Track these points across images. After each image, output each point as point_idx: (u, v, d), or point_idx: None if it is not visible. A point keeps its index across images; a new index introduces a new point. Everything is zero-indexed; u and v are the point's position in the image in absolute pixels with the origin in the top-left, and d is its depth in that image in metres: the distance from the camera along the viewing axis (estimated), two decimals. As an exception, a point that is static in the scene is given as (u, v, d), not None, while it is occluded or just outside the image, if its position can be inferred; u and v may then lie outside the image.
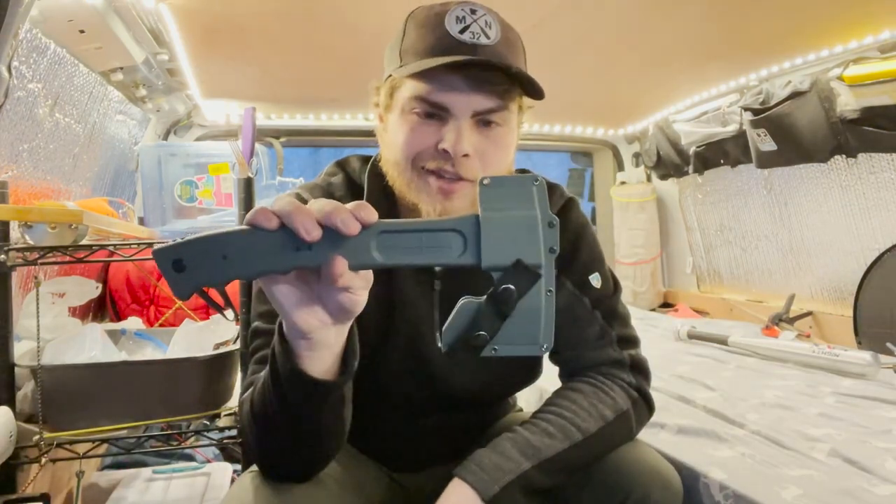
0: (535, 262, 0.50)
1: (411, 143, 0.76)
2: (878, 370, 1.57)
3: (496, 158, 0.78)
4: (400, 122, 0.78)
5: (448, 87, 0.74)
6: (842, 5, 1.50)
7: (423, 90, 0.75)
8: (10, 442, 1.12)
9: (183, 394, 1.26)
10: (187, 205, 2.06)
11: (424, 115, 0.76)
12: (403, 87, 0.77)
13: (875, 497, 0.89)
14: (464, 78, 0.73)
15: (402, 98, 0.78)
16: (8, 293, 1.21)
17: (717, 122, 2.39)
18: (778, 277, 2.47)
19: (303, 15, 1.54)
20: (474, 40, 0.74)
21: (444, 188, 0.76)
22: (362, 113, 2.67)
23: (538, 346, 0.52)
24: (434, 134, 0.75)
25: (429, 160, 0.76)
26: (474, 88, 0.74)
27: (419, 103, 0.75)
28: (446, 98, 0.74)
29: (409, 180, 0.78)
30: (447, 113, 0.75)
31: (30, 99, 1.35)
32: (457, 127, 0.74)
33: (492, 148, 0.77)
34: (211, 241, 0.49)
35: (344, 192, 0.87)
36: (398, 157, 0.78)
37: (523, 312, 0.51)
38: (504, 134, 0.78)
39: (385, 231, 0.50)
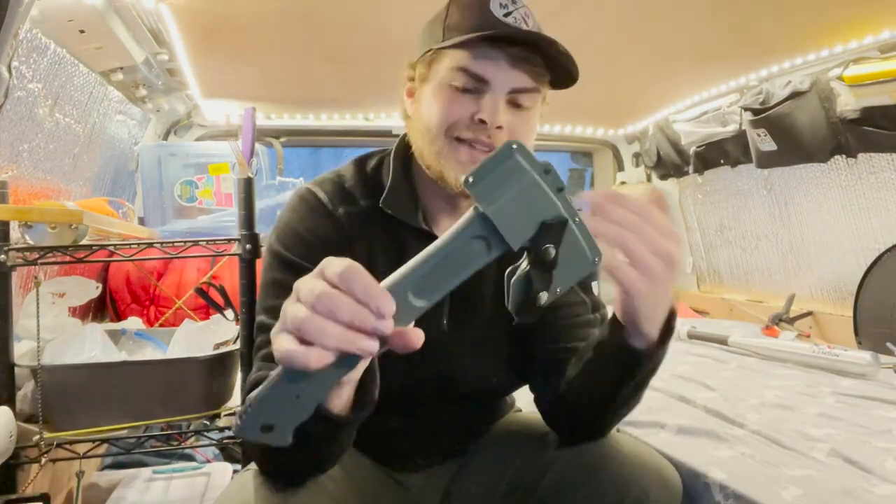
0: (554, 215, 0.51)
1: (448, 112, 0.79)
2: (878, 370, 1.57)
3: (524, 137, 0.80)
4: (436, 93, 0.80)
5: (490, 60, 0.77)
6: (842, 5, 1.50)
7: (465, 60, 0.77)
8: (10, 442, 1.12)
9: (183, 394, 1.26)
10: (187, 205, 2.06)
11: (462, 89, 0.78)
12: (445, 59, 0.80)
13: (875, 497, 0.89)
14: (506, 54, 0.77)
15: (441, 69, 0.80)
16: (8, 293, 1.21)
17: (717, 122, 2.39)
18: (778, 277, 2.47)
19: (303, 15, 1.54)
20: (517, 24, 0.77)
21: (475, 157, 0.78)
22: (362, 113, 2.67)
23: (591, 264, 0.54)
24: (471, 105, 0.78)
25: (464, 130, 0.79)
26: (514, 65, 0.77)
27: (459, 74, 0.78)
28: (487, 71, 0.77)
29: (440, 149, 0.80)
30: (485, 86, 0.78)
31: (30, 99, 1.35)
32: (494, 100, 0.78)
33: (522, 127, 0.80)
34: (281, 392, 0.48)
35: (353, 182, 0.88)
36: (431, 125, 0.80)
37: (565, 251, 0.52)
38: (532, 117, 0.82)
39: (413, 279, 0.50)
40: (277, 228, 0.85)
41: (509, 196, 0.50)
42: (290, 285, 0.79)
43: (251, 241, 1.30)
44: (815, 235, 2.23)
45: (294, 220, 0.84)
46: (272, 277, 0.81)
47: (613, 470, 0.79)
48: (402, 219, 0.85)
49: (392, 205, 0.85)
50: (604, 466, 0.79)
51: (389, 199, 0.85)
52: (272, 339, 0.47)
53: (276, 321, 0.76)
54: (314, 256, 0.83)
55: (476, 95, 0.78)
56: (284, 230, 0.84)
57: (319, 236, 0.82)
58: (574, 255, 0.53)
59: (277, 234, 0.84)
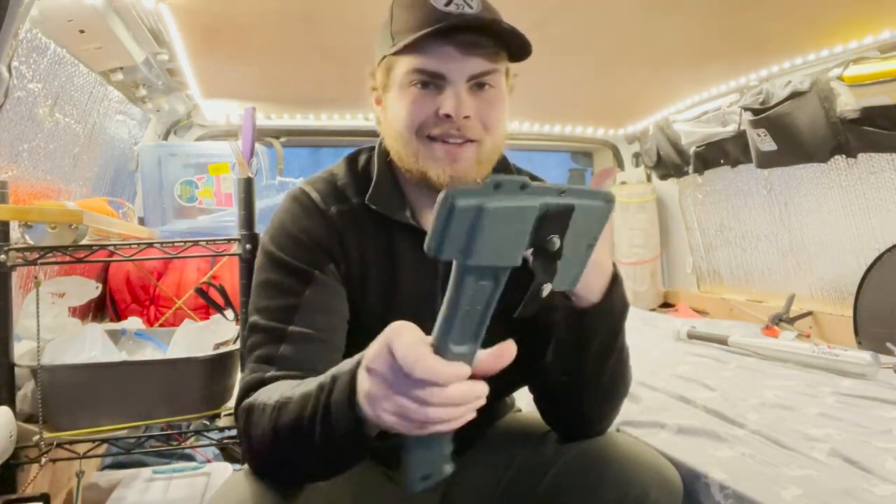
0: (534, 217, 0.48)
1: (413, 113, 0.79)
2: (878, 370, 1.57)
3: (493, 117, 0.81)
4: (399, 97, 0.81)
5: (442, 55, 0.77)
6: (842, 5, 1.50)
7: (418, 62, 0.78)
8: (10, 442, 1.12)
9: (183, 394, 1.26)
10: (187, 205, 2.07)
11: (422, 85, 0.79)
12: (399, 63, 0.80)
13: (875, 497, 0.89)
14: (455, 45, 0.77)
15: (398, 74, 0.81)
16: (8, 293, 1.21)
17: (717, 122, 2.39)
18: (778, 277, 2.47)
19: (303, 15, 1.54)
20: (460, 10, 0.77)
21: (451, 152, 0.79)
22: (362, 113, 2.67)
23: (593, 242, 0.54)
24: (434, 102, 0.79)
25: (433, 127, 0.79)
26: (466, 53, 0.78)
27: (416, 75, 0.79)
28: (441, 66, 0.78)
29: (416, 151, 0.81)
30: (444, 80, 0.78)
31: (30, 99, 1.35)
32: (455, 92, 0.78)
33: (488, 108, 0.81)
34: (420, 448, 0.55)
35: (346, 180, 0.89)
36: (401, 129, 0.81)
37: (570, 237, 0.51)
38: (498, 95, 0.82)
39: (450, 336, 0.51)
40: (271, 229, 0.85)
41: (479, 236, 0.46)
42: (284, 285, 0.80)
43: (251, 241, 1.30)
44: (815, 235, 2.23)
45: (287, 221, 0.84)
46: (265, 278, 0.82)
47: (613, 470, 0.79)
48: (389, 215, 0.85)
49: (378, 201, 0.85)
50: (604, 466, 0.79)
51: (375, 196, 0.86)
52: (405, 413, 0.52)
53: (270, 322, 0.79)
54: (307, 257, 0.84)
55: (436, 91, 0.79)
56: (278, 230, 0.84)
57: (312, 236, 0.83)
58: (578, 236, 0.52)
59: (271, 235, 0.84)
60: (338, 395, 0.60)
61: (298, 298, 0.79)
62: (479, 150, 0.81)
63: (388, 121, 0.85)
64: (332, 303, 0.81)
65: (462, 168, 0.80)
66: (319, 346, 0.78)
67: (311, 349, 0.77)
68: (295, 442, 0.65)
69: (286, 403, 0.66)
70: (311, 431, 0.62)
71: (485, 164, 0.82)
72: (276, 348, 0.77)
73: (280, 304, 0.79)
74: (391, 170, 0.88)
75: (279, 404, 0.67)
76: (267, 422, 0.67)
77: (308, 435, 0.63)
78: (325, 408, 0.61)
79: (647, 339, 2.21)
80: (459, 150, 0.79)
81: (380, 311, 0.85)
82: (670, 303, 3.15)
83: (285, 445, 0.66)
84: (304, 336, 0.77)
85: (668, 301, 3.18)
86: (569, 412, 0.85)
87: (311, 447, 0.63)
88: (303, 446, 0.65)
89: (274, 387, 0.72)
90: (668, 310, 3.05)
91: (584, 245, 0.54)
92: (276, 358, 0.76)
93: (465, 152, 0.80)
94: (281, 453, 0.68)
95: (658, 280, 3.17)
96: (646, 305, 3.11)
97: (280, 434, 0.66)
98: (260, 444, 0.69)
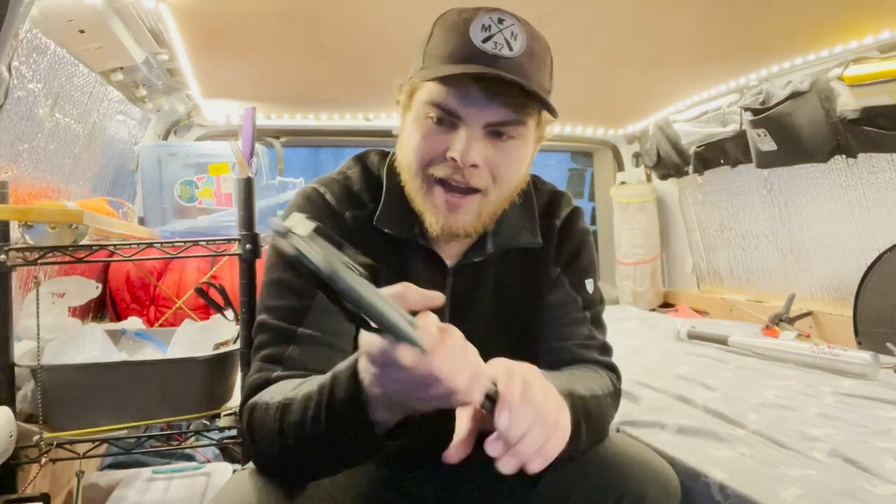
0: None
1: (422, 149, 0.77)
2: (878, 370, 1.57)
3: (507, 171, 0.78)
4: (414, 126, 0.79)
5: (463, 95, 0.74)
6: (842, 5, 1.50)
7: (438, 95, 0.75)
8: (10, 442, 1.12)
9: (183, 394, 1.26)
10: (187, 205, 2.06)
11: (437, 120, 0.76)
12: (421, 90, 0.78)
13: (875, 497, 0.89)
14: (481, 88, 0.73)
15: (418, 101, 0.79)
16: (8, 293, 1.21)
17: (717, 122, 2.39)
18: (778, 277, 2.47)
19: (303, 15, 1.54)
20: (496, 51, 0.73)
21: (450, 202, 0.77)
22: (362, 113, 2.67)
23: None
24: (444, 141, 0.76)
25: (438, 167, 0.77)
26: (488, 100, 0.74)
27: (433, 108, 0.76)
28: (459, 106, 0.75)
29: (419, 188, 0.79)
30: (458, 121, 0.75)
31: (30, 99, 1.35)
32: (467, 136, 0.75)
33: (503, 160, 0.77)
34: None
35: (361, 185, 0.88)
36: (410, 161, 0.80)
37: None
38: (517, 147, 0.78)
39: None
40: None
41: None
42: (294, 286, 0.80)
43: (251, 241, 1.30)
44: (815, 235, 2.23)
45: None
46: (276, 277, 0.81)
47: (612, 469, 0.79)
48: (398, 236, 0.85)
49: (387, 223, 0.84)
50: (602, 465, 0.79)
51: (383, 217, 0.84)
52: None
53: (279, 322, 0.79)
54: None
55: (450, 130, 0.76)
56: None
57: None
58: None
59: None
60: (341, 387, 0.60)
61: (309, 300, 0.78)
62: (483, 201, 0.78)
63: (401, 144, 0.84)
64: None
65: (459, 221, 0.77)
66: (327, 349, 0.78)
67: (318, 352, 0.77)
68: (303, 440, 0.65)
69: (290, 404, 0.66)
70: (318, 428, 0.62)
71: (486, 217, 0.80)
72: (284, 349, 0.77)
73: (290, 305, 0.79)
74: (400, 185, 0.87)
75: (283, 405, 0.67)
76: (272, 422, 0.67)
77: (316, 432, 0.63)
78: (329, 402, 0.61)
79: (647, 339, 2.21)
80: (460, 202, 0.77)
81: None
82: (670, 303, 3.15)
83: (293, 445, 0.66)
84: (313, 338, 0.77)
85: (668, 301, 3.18)
86: None
87: (320, 444, 0.64)
88: (312, 443, 0.65)
89: (277, 387, 0.72)
90: (668, 310, 3.05)
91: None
92: (284, 358, 0.76)
93: (465, 204, 0.77)
94: (288, 452, 0.68)
95: (658, 280, 3.17)
96: (646, 305, 3.11)
97: (287, 434, 0.66)
98: (265, 443, 0.69)
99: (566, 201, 0.96)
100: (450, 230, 0.78)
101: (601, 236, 3.35)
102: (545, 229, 0.92)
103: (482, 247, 0.88)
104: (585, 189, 4.31)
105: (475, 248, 0.88)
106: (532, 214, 0.91)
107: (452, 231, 0.78)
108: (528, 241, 0.89)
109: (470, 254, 0.88)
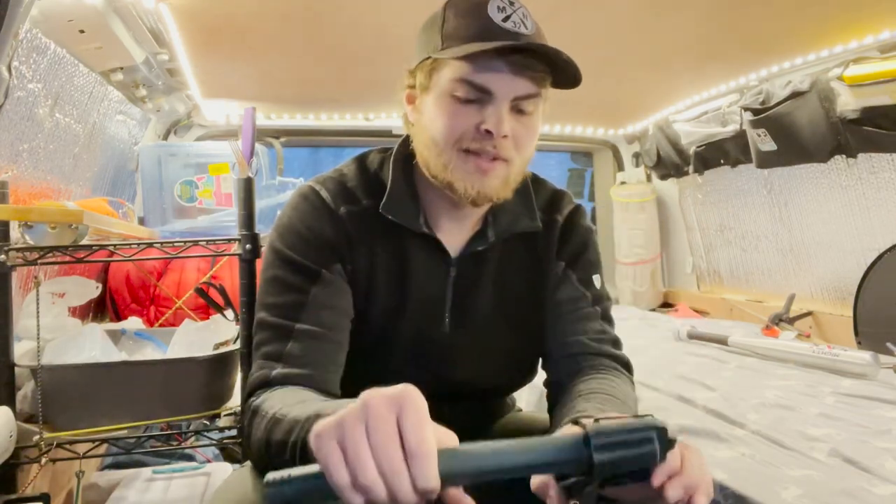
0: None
1: (453, 125, 0.79)
2: (878, 370, 1.57)
3: (528, 141, 0.82)
4: (439, 105, 0.80)
5: (492, 70, 0.77)
6: (842, 5, 1.50)
7: (467, 72, 0.77)
8: (10, 442, 1.12)
9: (183, 394, 1.26)
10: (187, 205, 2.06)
11: (464, 99, 0.78)
12: (446, 68, 0.79)
13: (875, 497, 0.89)
14: (507, 63, 0.76)
15: (443, 79, 0.80)
16: (8, 293, 1.22)
17: (717, 122, 2.39)
18: (778, 277, 2.47)
19: (303, 15, 1.54)
20: (516, 29, 0.77)
21: (482, 167, 0.79)
22: (362, 113, 2.67)
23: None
24: (475, 116, 0.78)
25: (470, 141, 0.79)
26: (516, 73, 0.77)
27: (461, 85, 0.78)
28: (490, 81, 0.77)
29: (447, 161, 0.80)
30: (488, 96, 0.78)
31: (30, 99, 1.35)
32: (497, 110, 0.77)
33: (525, 132, 0.81)
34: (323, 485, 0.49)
35: (356, 182, 0.88)
36: (437, 138, 0.80)
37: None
38: (534, 120, 0.82)
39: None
40: (279, 226, 0.85)
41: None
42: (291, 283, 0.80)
43: (251, 241, 1.30)
44: (815, 235, 2.23)
45: (295, 218, 0.85)
46: (273, 275, 0.82)
47: None
48: (403, 224, 0.85)
49: (392, 210, 0.85)
50: None
51: (389, 204, 0.85)
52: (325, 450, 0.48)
53: (278, 320, 0.79)
54: (314, 255, 0.84)
55: (479, 105, 0.78)
56: (286, 228, 0.84)
57: (320, 235, 0.83)
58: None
59: (279, 232, 0.85)
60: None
61: (305, 296, 0.79)
62: (509, 169, 0.81)
63: (421, 125, 0.84)
64: (338, 301, 0.82)
65: (490, 185, 0.80)
66: (326, 343, 0.79)
67: (317, 346, 0.78)
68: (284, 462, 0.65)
69: (280, 421, 0.66)
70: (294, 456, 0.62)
71: (510, 184, 0.83)
72: (283, 345, 0.77)
73: (287, 301, 0.79)
74: (407, 175, 0.88)
75: (274, 419, 0.67)
76: (262, 432, 0.68)
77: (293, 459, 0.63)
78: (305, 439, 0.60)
79: (647, 339, 2.21)
80: (491, 166, 0.79)
81: (387, 314, 0.86)
82: (670, 303, 3.15)
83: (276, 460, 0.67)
84: (311, 333, 0.78)
85: (668, 301, 3.18)
86: None
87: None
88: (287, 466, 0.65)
89: (280, 394, 0.73)
90: (668, 310, 3.05)
91: None
92: (284, 355, 0.77)
93: (495, 169, 0.80)
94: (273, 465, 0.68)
95: (658, 280, 3.17)
96: (646, 305, 3.11)
97: (272, 448, 0.67)
98: (256, 447, 0.70)
99: (568, 199, 0.97)
100: (484, 193, 0.80)
101: (601, 236, 3.34)
102: (547, 223, 0.93)
103: (483, 235, 0.88)
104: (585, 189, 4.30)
105: (477, 238, 0.89)
106: (530, 204, 0.92)
107: (486, 195, 0.80)
108: (528, 225, 0.91)
109: (472, 243, 0.88)
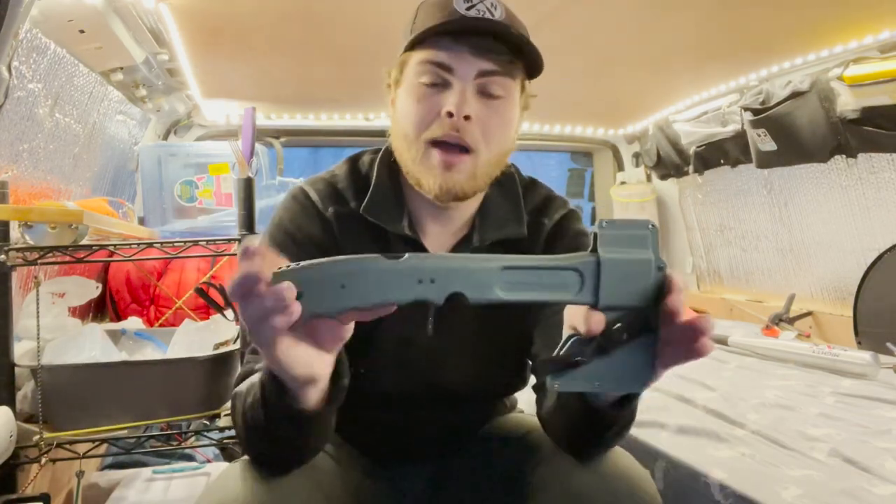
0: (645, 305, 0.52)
1: (417, 112, 0.79)
2: (878, 370, 1.57)
3: (497, 128, 0.80)
4: (407, 94, 0.81)
5: (453, 51, 0.77)
6: (842, 5, 1.50)
7: (428, 54, 0.78)
8: (10, 442, 1.12)
9: (183, 394, 1.26)
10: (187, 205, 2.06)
11: (430, 83, 0.79)
12: (411, 58, 0.80)
13: (875, 497, 0.89)
14: (469, 45, 0.77)
15: (409, 70, 0.81)
16: (8, 293, 1.22)
17: (717, 122, 2.39)
18: (778, 277, 2.47)
19: (303, 15, 1.54)
20: (480, 15, 0.77)
21: (445, 161, 0.78)
22: (362, 113, 2.67)
23: (640, 384, 0.55)
24: (438, 102, 0.78)
25: (435, 129, 0.78)
26: (478, 54, 0.77)
27: (424, 67, 0.78)
28: (450, 59, 0.77)
29: (416, 155, 0.80)
30: (451, 75, 0.78)
31: (30, 99, 1.35)
32: (461, 90, 0.77)
33: (493, 117, 0.80)
34: (330, 270, 0.49)
35: (346, 183, 0.89)
36: (407, 129, 0.81)
37: (627, 352, 0.53)
38: (505, 105, 0.81)
39: (508, 267, 0.51)
40: (270, 226, 0.86)
41: (624, 259, 0.52)
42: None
43: (251, 241, 1.31)
44: (815, 235, 2.23)
45: (285, 219, 0.85)
46: None
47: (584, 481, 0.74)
48: (384, 225, 0.85)
49: (373, 211, 0.85)
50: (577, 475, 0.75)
51: (370, 206, 0.85)
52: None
53: None
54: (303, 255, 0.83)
55: (443, 89, 0.78)
56: (274, 227, 0.85)
57: (308, 235, 0.83)
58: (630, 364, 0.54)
59: (270, 232, 0.85)
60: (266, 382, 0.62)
61: None
62: (475, 161, 0.80)
63: (395, 120, 0.85)
64: None
65: (455, 179, 0.79)
66: None
67: None
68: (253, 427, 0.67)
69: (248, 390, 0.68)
70: (255, 411, 0.64)
71: (480, 179, 0.81)
72: None
73: None
74: (392, 176, 0.88)
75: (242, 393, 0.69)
76: (237, 410, 0.70)
77: (254, 415, 0.64)
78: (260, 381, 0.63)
79: (647, 339, 2.21)
80: (454, 160, 0.78)
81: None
82: (670, 303, 3.15)
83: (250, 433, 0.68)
84: None
85: (668, 301, 3.18)
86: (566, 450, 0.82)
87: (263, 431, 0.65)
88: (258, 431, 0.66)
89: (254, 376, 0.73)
90: (668, 310, 3.05)
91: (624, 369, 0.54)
92: None
93: (460, 163, 0.79)
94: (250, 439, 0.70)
95: (658, 280, 3.17)
96: (646, 305, 3.11)
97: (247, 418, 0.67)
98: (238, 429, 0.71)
99: (559, 203, 0.95)
100: (447, 189, 0.79)
101: (601, 236, 3.34)
102: (533, 226, 0.91)
103: (469, 240, 0.88)
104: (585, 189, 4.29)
105: (463, 242, 0.88)
106: (518, 209, 0.91)
107: (449, 190, 0.79)
108: (513, 232, 0.90)
109: (457, 247, 0.88)
